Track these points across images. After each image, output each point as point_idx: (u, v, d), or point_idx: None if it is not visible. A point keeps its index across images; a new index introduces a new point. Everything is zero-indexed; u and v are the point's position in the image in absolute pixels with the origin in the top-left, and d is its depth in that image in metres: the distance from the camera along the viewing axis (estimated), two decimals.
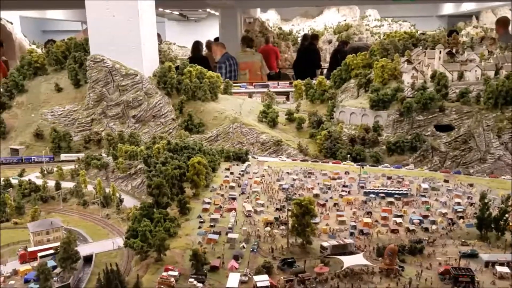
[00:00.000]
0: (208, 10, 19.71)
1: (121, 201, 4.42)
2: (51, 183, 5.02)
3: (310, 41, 15.02)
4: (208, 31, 22.18)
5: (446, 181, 3.93)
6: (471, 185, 3.93)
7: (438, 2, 19.11)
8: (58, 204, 6.03)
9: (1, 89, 5.95)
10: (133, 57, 5.78)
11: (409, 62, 5.13)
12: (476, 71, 4.97)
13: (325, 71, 17.37)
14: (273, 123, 5.65)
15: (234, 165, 4.37)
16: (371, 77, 5.46)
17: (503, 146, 4.50)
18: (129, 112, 5.99)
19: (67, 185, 5.06)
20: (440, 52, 4.98)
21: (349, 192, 3.70)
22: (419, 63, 5.22)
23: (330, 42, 19.99)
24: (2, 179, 4.70)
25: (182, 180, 3.72)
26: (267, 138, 5.40)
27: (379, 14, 22.47)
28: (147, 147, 4.91)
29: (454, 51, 5.19)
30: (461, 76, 4.98)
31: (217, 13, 20.25)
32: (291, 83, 7.03)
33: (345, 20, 21.99)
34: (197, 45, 13.90)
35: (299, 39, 19.45)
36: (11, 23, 17.76)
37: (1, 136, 5.77)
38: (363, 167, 3.99)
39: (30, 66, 6.16)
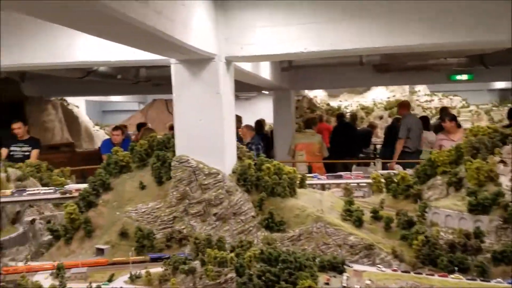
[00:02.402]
0: None
1: None
2: None
3: (340, 120, 14.86)
4: (258, 108, 22.93)
5: None
6: None
7: (494, 81, 18.98)
8: None
9: (89, 188, 6.18)
10: (216, 157, 5.87)
11: (503, 162, 4.96)
12: None
13: (378, 146, 17.24)
14: (359, 223, 5.50)
15: (331, 276, 4.21)
16: (461, 176, 5.30)
17: None
18: (211, 210, 5.99)
19: None
20: None
21: None
22: None
23: (381, 118, 20.06)
24: (94, 286, 4.71)
25: None
26: (356, 241, 5.16)
27: (429, 89, 22.61)
28: (237, 254, 4.82)
29: None
30: None
31: (266, 92, 20.87)
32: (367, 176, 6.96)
33: (394, 96, 22.20)
34: (260, 123, 14.64)
35: (348, 114, 19.57)
36: (77, 107, 19.09)
37: (87, 235, 5.89)
38: None
39: (116, 165, 6.42)
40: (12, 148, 10.49)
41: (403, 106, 12.26)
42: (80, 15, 3.14)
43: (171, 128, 14.33)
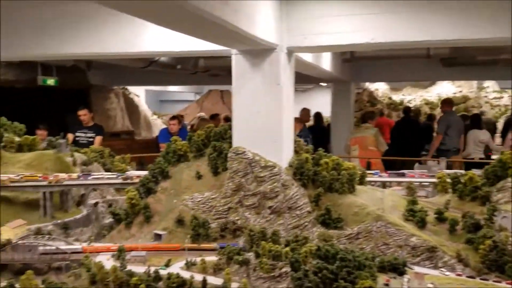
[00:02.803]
0: None
1: None
2: (196, 277, 5.04)
3: (406, 115, 14.29)
4: (315, 100, 22.52)
5: None
6: None
7: None
8: None
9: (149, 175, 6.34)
10: (273, 149, 5.82)
11: None
12: None
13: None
14: (422, 224, 5.24)
15: (391, 278, 4.04)
16: None
17: None
18: (265, 203, 5.95)
19: (210, 280, 5.05)
20: None
21: None
22: None
23: None
24: (152, 269, 4.82)
25: None
26: (418, 242, 4.93)
27: (499, 85, 21.13)
28: (292, 249, 4.74)
29: None
30: None
31: (324, 84, 20.34)
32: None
33: (460, 91, 20.90)
34: (319, 115, 14.47)
35: (413, 108, 18.48)
36: (138, 96, 19.71)
37: (146, 220, 6.07)
38: None
39: (175, 154, 6.54)
40: (77, 134, 10.97)
41: (446, 103, 12.24)
42: (160, 11, 3.21)
43: (226, 119, 14.46)
